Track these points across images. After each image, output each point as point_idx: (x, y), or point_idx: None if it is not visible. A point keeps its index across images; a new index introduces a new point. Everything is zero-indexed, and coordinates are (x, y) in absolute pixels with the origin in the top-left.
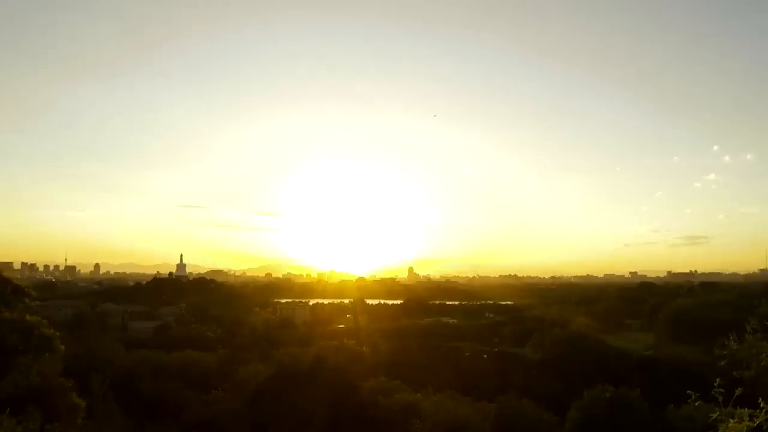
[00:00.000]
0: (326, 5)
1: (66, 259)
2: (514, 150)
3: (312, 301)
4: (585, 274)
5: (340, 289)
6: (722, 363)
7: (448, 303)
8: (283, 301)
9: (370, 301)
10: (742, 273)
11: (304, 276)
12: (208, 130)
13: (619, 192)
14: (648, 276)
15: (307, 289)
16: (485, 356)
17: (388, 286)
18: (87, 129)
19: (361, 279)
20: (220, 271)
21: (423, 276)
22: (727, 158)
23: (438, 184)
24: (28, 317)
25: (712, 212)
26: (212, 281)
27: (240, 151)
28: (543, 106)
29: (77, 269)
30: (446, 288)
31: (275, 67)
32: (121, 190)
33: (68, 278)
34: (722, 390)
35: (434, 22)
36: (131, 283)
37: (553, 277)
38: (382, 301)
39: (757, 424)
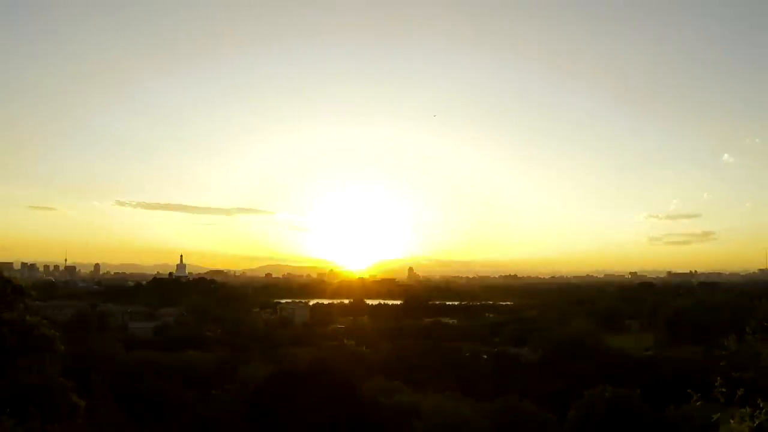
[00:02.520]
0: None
1: (66, 259)
2: (511, 147)
3: (312, 301)
4: (585, 274)
5: (340, 289)
6: (722, 363)
7: (448, 303)
8: (283, 301)
9: (370, 301)
10: (742, 273)
11: (304, 277)
12: (213, 132)
13: (621, 190)
14: (648, 276)
15: (307, 289)
16: (485, 356)
17: (388, 286)
18: (93, 130)
19: (361, 279)
20: (220, 271)
21: (423, 276)
22: (735, 154)
23: (431, 184)
24: (28, 317)
25: (718, 209)
26: (212, 281)
27: (247, 154)
28: (540, 103)
29: (77, 269)
30: (446, 288)
31: (279, 81)
32: (120, 189)
33: (68, 278)
34: (723, 390)
35: (426, 32)
36: (131, 283)
37: (553, 277)
38: (382, 301)
39: (758, 425)
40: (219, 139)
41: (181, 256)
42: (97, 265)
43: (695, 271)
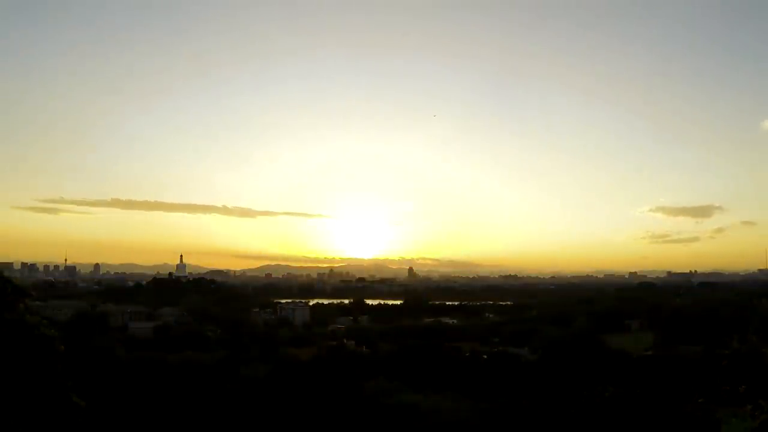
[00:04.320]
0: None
1: (66, 259)
2: (510, 146)
3: (312, 301)
4: (585, 274)
5: (340, 289)
6: (724, 363)
7: (448, 303)
8: (283, 301)
9: (370, 301)
10: (742, 273)
11: (304, 276)
12: (217, 136)
13: (621, 189)
14: (648, 276)
15: (307, 289)
16: (485, 356)
17: (388, 286)
18: (93, 131)
19: (361, 279)
20: (220, 271)
21: (423, 276)
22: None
23: (432, 184)
24: (28, 317)
25: (736, 197)
26: (212, 281)
27: (249, 157)
28: (539, 102)
29: (77, 269)
30: (446, 288)
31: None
32: (119, 189)
33: (68, 278)
34: (725, 389)
35: (422, 37)
36: (131, 283)
37: (553, 277)
38: (382, 301)
39: (759, 423)
40: (223, 142)
41: (181, 256)
42: (97, 265)
43: (695, 271)
